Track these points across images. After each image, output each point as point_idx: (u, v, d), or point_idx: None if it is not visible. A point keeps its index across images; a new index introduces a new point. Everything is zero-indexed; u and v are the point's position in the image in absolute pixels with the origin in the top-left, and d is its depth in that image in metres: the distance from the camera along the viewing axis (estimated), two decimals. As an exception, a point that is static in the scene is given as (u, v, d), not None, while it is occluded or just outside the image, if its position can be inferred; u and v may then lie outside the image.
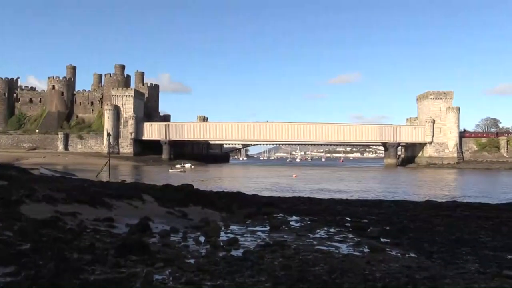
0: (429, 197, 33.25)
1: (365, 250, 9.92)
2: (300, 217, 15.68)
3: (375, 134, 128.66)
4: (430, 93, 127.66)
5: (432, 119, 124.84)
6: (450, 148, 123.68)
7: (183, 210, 14.55)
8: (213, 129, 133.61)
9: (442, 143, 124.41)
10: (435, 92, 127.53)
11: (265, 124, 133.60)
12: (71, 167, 79.67)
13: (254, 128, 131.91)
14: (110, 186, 19.57)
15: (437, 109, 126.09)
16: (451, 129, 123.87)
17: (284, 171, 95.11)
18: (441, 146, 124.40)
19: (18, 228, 8.93)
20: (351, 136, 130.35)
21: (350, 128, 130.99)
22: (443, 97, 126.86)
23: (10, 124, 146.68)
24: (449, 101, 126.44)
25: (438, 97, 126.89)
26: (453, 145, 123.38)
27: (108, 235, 9.78)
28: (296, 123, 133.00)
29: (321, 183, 56.74)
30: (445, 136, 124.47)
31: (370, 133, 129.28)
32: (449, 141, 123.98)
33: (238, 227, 12.85)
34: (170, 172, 79.20)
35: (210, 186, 42.21)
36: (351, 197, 32.48)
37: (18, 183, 16.59)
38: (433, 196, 34.65)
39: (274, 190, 43.71)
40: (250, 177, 70.88)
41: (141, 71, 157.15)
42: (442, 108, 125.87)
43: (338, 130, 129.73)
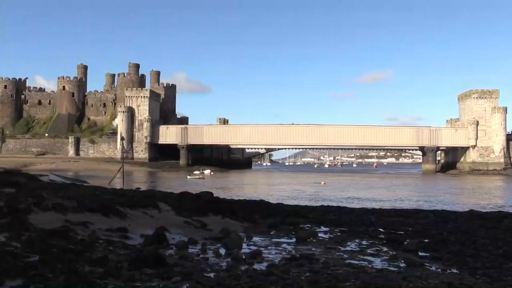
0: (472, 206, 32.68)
1: (401, 265, 9.80)
2: (329, 228, 15.60)
3: (411, 137, 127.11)
4: (473, 92, 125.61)
5: (475, 121, 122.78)
6: (496, 152, 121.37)
7: (202, 219, 14.61)
8: (234, 132, 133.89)
9: (487, 147, 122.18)
10: (479, 91, 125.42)
11: (291, 126, 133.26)
12: (82, 174, 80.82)
13: (278, 131, 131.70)
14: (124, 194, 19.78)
15: (481, 110, 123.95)
16: (497, 132, 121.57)
17: (311, 177, 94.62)
18: (485, 150, 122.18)
19: (26, 239, 9.08)
20: (385, 140, 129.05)
21: (384, 131, 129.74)
22: (488, 96, 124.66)
23: (18, 128, 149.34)
24: (494, 101, 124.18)
25: (482, 96, 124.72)
26: (500, 149, 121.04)
27: (121, 246, 9.87)
28: (324, 125, 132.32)
29: (352, 191, 56.24)
30: (490, 139, 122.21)
31: (406, 136, 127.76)
32: (494, 145, 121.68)
33: (262, 239, 12.83)
34: (188, 178, 79.62)
35: (231, 194, 42.25)
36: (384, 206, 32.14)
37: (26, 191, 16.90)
38: (477, 206, 34.03)
39: (300, 198, 43.51)
40: (274, 184, 70.75)
41: (156, 70, 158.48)
42: (487, 108, 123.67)
43: (371, 133, 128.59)
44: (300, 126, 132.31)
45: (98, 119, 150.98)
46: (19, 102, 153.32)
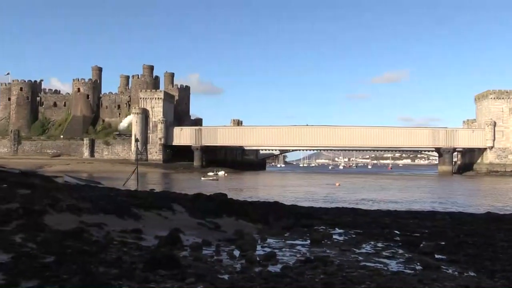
0: (489, 208, 32.36)
1: (417, 268, 9.73)
2: (344, 230, 15.53)
3: (427, 138, 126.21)
4: (491, 92, 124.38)
5: (492, 122, 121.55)
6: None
7: (215, 221, 14.62)
8: (248, 133, 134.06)
9: (505, 148, 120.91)
10: (496, 91, 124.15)
11: (305, 128, 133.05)
12: (97, 175, 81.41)
13: (292, 132, 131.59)
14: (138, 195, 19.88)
15: (498, 110, 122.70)
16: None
17: (326, 179, 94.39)
18: (503, 151, 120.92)
19: (41, 240, 9.17)
20: (401, 141, 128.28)
21: (399, 132, 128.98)
22: (506, 96, 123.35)
23: (34, 129, 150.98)
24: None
25: (499, 97, 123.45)
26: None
27: (136, 247, 9.92)
28: (339, 126, 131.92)
29: (367, 192, 56.02)
30: (508, 140, 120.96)
31: (422, 137, 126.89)
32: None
33: (276, 241, 12.81)
34: (202, 180, 79.92)
35: (245, 196, 42.30)
36: (400, 208, 31.95)
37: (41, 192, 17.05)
38: (494, 208, 33.69)
39: (314, 200, 43.44)
40: (288, 186, 70.72)
41: (170, 72, 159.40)
42: (505, 109, 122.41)
43: (386, 134, 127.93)
44: (315, 127, 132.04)
45: (112, 120, 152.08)
46: (35, 104, 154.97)
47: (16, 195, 15.17)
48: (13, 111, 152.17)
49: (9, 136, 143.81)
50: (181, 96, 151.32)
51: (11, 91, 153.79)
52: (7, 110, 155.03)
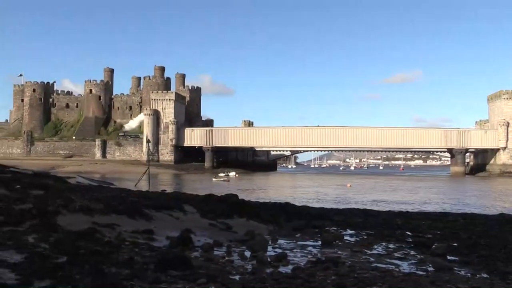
0: (502, 210, 32.11)
1: (429, 269, 9.68)
2: (355, 231, 15.49)
3: (439, 139, 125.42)
4: (504, 93, 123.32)
5: (506, 122, 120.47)
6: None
7: (227, 222, 14.64)
8: (259, 134, 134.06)
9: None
10: (509, 91, 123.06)
11: (316, 128, 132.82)
12: (109, 176, 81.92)
13: (303, 133, 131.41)
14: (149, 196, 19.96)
15: (511, 111, 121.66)
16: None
17: (337, 180, 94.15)
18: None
19: (54, 240, 9.23)
20: (412, 142, 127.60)
21: (411, 133, 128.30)
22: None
23: (46, 131, 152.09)
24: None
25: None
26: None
27: (147, 248, 9.96)
28: (350, 127, 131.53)
29: (378, 194, 55.80)
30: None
31: (434, 138, 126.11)
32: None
33: (287, 241, 12.81)
34: (213, 181, 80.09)
35: (256, 196, 42.32)
36: (412, 209, 31.81)
37: (54, 193, 17.19)
38: (508, 209, 33.40)
39: (326, 201, 43.36)
40: (300, 187, 70.63)
41: (181, 73, 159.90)
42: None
43: (397, 135, 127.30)
44: (326, 128, 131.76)
45: (124, 121, 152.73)
46: (48, 106, 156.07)
47: (30, 196, 15.30)
48: (26, 112, 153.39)
49: (22, 137, 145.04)
50: (192, 97, 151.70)
51: (24, 92, 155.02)
52: (20, 111, 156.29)
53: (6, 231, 9.56)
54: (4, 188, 17.76)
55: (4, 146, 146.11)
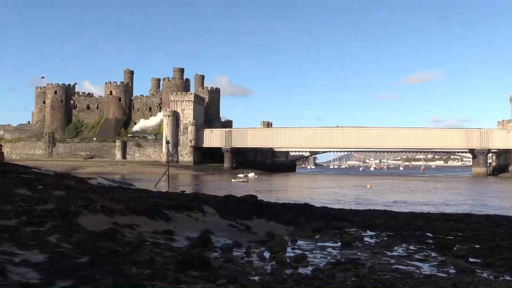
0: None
1: (450, 271, 9.57)
2: (375, 232, 15.41)
3: (460, 139, 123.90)
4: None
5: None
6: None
7: (246, 223, 14.67)
8: (278, 135, 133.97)
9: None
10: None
11: (335, 129, 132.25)
12: (129, 177, 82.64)
13: (322, 134, 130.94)
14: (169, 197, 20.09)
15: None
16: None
17: (357, 181, 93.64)
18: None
19: (76, 241, 9.34)
20: (433, 142, 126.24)
21: (432, 133, 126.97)
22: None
23: (68, 132, 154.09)
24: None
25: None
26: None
27: (167, 248, 10.02)
28: (369, 127, 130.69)
29: (398, 194, 55.33)
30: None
31: (455, 139, 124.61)
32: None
33: (306, 243, 12.78)
34: (233, 182, 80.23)
35: (275, 197, 42.28)
36: (432, 210, 31.48)
37: (75, 193, 17.40)
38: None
39: (345, 202, 43.12)
40: (319, 188, 70.36)
41: (200, 74, 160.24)
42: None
43: (418, 135, 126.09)
44: (345, 129, 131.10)
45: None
46: (69, 107, 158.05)
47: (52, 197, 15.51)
48: (48, 114, 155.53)
49: (44, 139, 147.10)
50: (211, 98, 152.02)
51: (45, 94, 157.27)
52: (42, 113, 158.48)
53: (29, 231, 9.71)
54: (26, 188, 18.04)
55: (27, 147, 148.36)
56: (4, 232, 9.29)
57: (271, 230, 13.78)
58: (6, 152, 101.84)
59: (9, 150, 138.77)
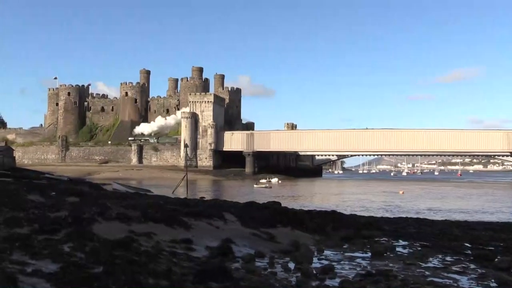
0: None
1: (491, 285, 9.43)
2: (408, 242, 15.28)
3: (501, 141, 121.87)
4: None
5: None
6: None
7: (269, 231, 14.65)
8: (303, 138, 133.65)
9: None
10: None
11: (364, 131, 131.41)
12: (146, 182, 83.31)
13: (351, 136, 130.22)
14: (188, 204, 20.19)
15: None
16: None
17: (388, 186, 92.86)
18: None
19: (90, 249, 9.44)
20: (471, 145, 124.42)
21: (469, 135, 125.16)
22: None
23: (81, 135, 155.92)
24: None
25: None
26: None
27: (186, 258, 10.06)
28: (402, 129, 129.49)
29: (433, 201, 54.73)
30: None
31: (495, 141, 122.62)
32: None
33: (334, 253, 12.74)
34: (255, 187, 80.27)
35: (300, 204, 42.19)
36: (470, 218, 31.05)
37: (90, 200, 17.62)
38: None
39: (375, 209, 42.84)
40: (347, 194, 70.00)
41: (220, 74, 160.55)
42: None
43: (454, 137, 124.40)
44: (375, 131, 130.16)
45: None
46: (82, 109, 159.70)
47: (65, 203, 15.74)
48: (61, 116, 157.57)
49: (57, 142, 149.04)
50: (231, 99, 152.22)
51: (58, 96, 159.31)
52: (55, 115, 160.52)
53: (41, 239, 9.84)
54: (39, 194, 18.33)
55: (39, 151, 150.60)
56: (16, 240, 9.43)
57: (296, 239, 13.76)
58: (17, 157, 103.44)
59: (21, 155, 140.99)
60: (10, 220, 11.31)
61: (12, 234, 10.07)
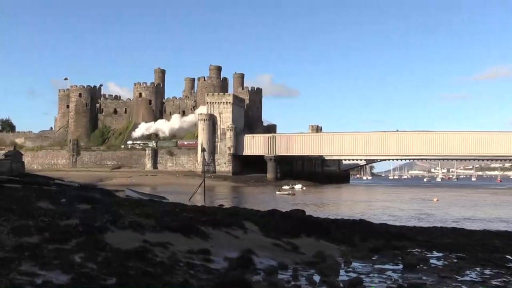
0: None
1: (534, 300, 9.30)
2: (443, 254, 15.17)
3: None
4: None
5: None
6: None
7: (293, 241, 14.64)
8: (328, 141, 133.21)
9: None
10: None
11: (395, 134, 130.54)
12: (160, 189, 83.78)
13: (380, 139, 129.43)
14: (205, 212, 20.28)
15: None
16: None
17: (421, 193, 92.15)
18: None
19: (102, 260, 9.53)
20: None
21: (510, 138, 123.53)
22: None
23: (93, 139, 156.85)
24: None
25: None
26: None
27: (204, 270, 10.09)
28: (435, 132, 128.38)
29: (470, 209, 54.17)
30: None
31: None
32: None
33: (362, 265, 12.70)
34: (277, 194, 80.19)
35: (326, 212, 42.07)
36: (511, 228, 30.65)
37: (102, 207, 17.79)
38: None
39: (407, 217, 42.53)
40: (376, 201, 69.61)
41: (240, 73, 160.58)
42: None
43: (493, 140, 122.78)
44: (406, 133, 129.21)
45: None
46: (94, 111, 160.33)
47: (76, 211, 15.91)
48: (72, 119, 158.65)
49: (67, 147, 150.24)
50: (252, 100, 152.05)
51: (69, 97, 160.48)
52: (66, 118, 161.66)
53: (51, 249, 9.95)
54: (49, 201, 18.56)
55: (49, 156, 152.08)
56: (25, 250, 9.57)
57: (322, 250, 13.73)
58: (27, 162, 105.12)
59: (30, 160, 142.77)
60: (18, 229, 11.46)
61: (21, 243, 10.21)
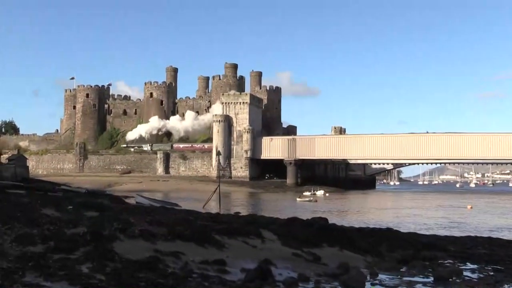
0: None
1: None
2: (478, 265, 15.07)
3: None
4: None
5: None
6: None
7: (314, 251, 14.61)
8: (353, 144, 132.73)
9: None
10: None
11: (424, 136, 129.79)
12: (173, 195, 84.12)
13: (408, 142, 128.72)
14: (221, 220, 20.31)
15: None
16: None
17: (453, 200, 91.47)
18: None
19: (111, 270, 9.58)
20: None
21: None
22: None
23: (101, 142, 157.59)
24: None
25: None
26: None
27: (218, 282, 10.11)
28: (469, 133, 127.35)
29: (508, 217, 53.62)
30: None
31: None
32: None
33: (389, 277, 12.66)
34: (298, 201, 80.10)
35: (350, 220, 41.91)
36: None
37: (110, 215, 17.89)
38: None
39: (438, 226, 42.26)
40: (405, 208, 69.22)
41: (257, 71, 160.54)
42: None
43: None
44: (437, 135, 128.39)
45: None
46: (102, 113, 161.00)
47: (83, 218, 16.02)
48: (79, 121, 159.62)
49: (74, 150, 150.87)
50: (270, 100, 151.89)
51: (76, 98, 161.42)
52: (72, 120, 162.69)
53: (57, 259, 10.03)
54: (54, 208, 18.72)
55: (55, 160, 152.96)
56: (29, 260, 9.65)
57: (346, 260, 13.69)
58: (31, 166, 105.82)
59: (35, 164, 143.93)
60: (22, 237, 11.57)
61: (24, 252, 10.31)
